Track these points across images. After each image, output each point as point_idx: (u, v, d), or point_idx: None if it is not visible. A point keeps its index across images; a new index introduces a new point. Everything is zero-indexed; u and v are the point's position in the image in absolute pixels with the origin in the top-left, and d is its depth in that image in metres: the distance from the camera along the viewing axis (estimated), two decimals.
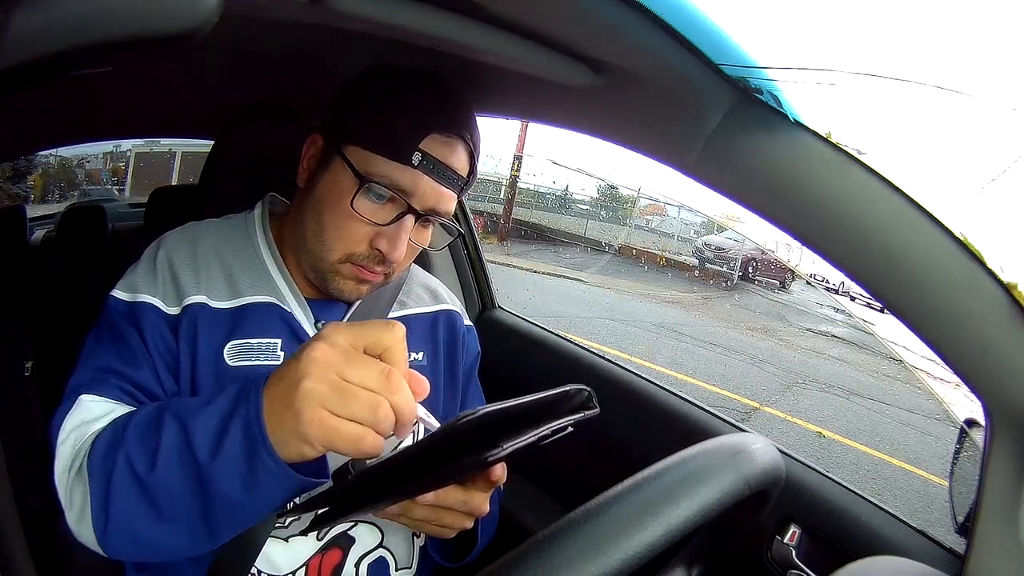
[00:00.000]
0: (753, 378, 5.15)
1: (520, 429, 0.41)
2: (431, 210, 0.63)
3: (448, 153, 0.62)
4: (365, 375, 0.42)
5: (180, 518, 0.48)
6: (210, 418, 0.47)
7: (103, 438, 0.52)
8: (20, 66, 0.24)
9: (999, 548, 0.51)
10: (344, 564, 0.65)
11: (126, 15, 0.25)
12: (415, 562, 0.71)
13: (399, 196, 0.61)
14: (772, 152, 0.54)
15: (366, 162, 0.61)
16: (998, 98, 0.45)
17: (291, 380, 0.42)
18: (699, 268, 10.76)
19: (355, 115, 0.63)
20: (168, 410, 0.50)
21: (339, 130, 0.64)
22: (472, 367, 0.83)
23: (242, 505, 0.47)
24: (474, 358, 0.83)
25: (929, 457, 4.01)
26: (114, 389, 0.58)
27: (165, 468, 0.47)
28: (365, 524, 0.67)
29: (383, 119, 0.62)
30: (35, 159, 4.14)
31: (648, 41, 0.48)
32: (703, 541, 0.55)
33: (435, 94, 0.63)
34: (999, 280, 0.48)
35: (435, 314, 0.79)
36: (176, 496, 0.47)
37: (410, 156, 0.60)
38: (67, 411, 0.56)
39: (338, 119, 0.65)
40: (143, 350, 0.61)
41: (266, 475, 0.45)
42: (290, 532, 0.63)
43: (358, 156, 0.62)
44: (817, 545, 0.73)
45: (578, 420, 0.45)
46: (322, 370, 0.41)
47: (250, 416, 0.44)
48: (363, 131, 0.62)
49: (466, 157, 0.64)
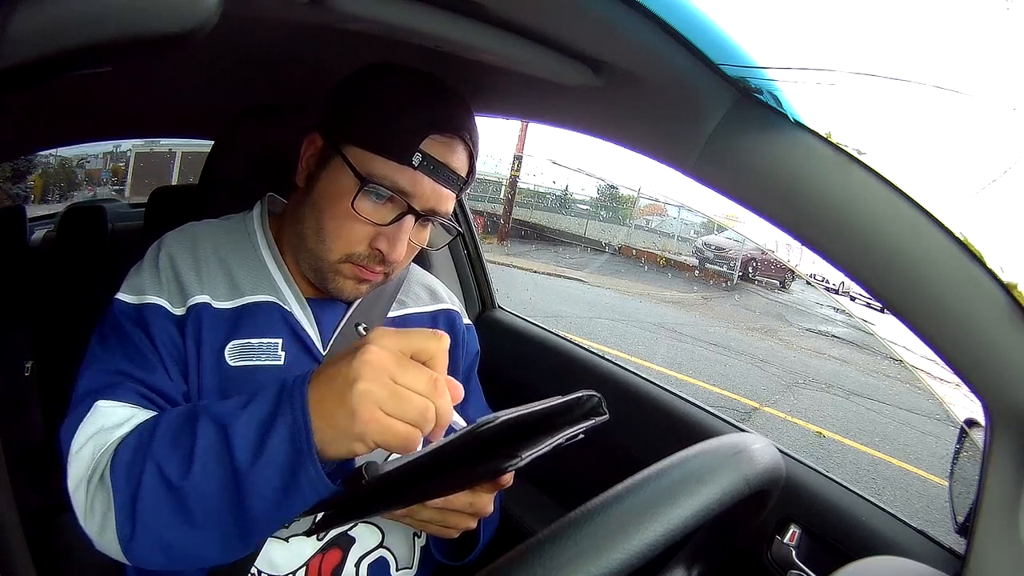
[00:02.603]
0: (753, 378, 5.15)
1: (536, 436, 0.42)
2: (430, 210, 0.63)
3: (448, 153, 0.62)
4: (416, 380, 0.44)
5: (214, 525, 0.47)
6: (251, 420, 0.47)
7: (127, 445, 0.51)
8: (20, 66, 0.24)
9: (999, 548, 0.51)
10: (344, 564, 0.65)
11: (126, 15, 0.25)
12: (416, 562, 0.71)
13: (399, 197, 0.62)
14: (772, 152, 0.54)
15: (366, 162, 0.61)
16: (998, 98, 0.45)
17: (344, 381, 0.44)
18: (699, 268, 10.76)
19: (354, 114, 0.63)
20: (203, 413, 0.49)
21: (338, 129, 0.64)
22: (472, 366, 0.83)
23: (276, 508, 0.47)
24: (473, 357, 0.83)
25: (929, 457, 4.01)
26: (131, 393, 0.56)
27: (201, 474, 0.46)
28: (365, 524, 0.67)
29: (383, 119, 0.61)
30: (35, 159, 4.14)
31: (648, 41, 0.48)
32: (703, 541, 0.55)
33: (435, 94, 0.63)
34: (999, 280, 0.48)
35: (434, 313, 0.79)
36: (211, 502, 0.47)
37: (410, 157, 0.60)
38: (81, 418, 0.54)
39: (336, 118, 0.64)
40: (154, 353, 0.60)
41: (307, 481, 0.45)
42: (291, 532, 0.63)
43: (358, 156, 0.61)
44: (817, 545, 0.73)
45: (590, 427, 0.45)
46: (376, 372, 0.43)
47: (297, 420, 0.45)
48: (363, 131, 0.62)
49: (465, 157, 0.64)
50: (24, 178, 3.94)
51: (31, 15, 0.23)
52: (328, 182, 0.63)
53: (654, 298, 8.43)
